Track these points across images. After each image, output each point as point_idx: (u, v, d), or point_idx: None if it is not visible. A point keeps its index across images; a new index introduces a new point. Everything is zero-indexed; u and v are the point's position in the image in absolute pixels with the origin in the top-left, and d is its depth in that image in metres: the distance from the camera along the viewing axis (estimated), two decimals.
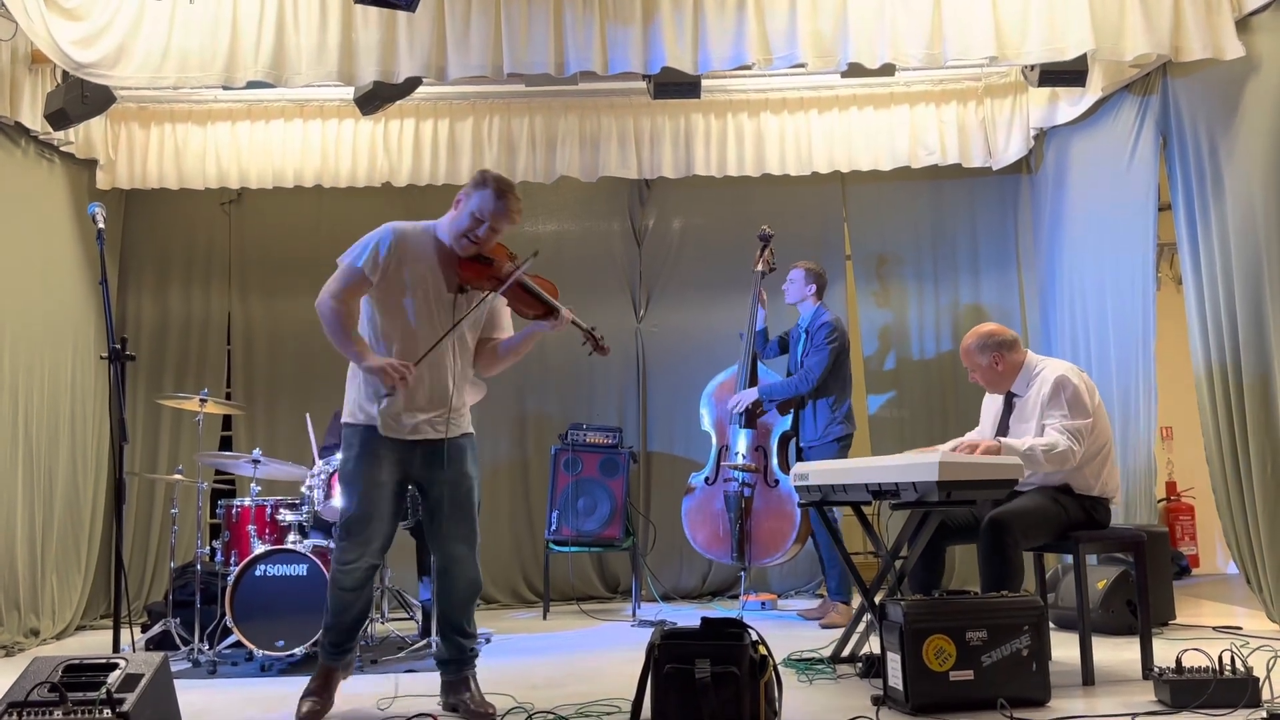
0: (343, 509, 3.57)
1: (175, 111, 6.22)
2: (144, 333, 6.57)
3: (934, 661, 3.20)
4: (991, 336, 4.01)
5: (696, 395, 6.48)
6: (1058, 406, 3.79)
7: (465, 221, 3.46)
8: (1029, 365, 3.99)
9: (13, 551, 5.35)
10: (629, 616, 5.78)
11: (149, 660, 2.57)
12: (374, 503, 3.49)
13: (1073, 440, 3.73)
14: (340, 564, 3.52)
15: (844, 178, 6.60)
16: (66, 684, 2.48)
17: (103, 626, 6.06)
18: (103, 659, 2.58)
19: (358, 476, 3.50)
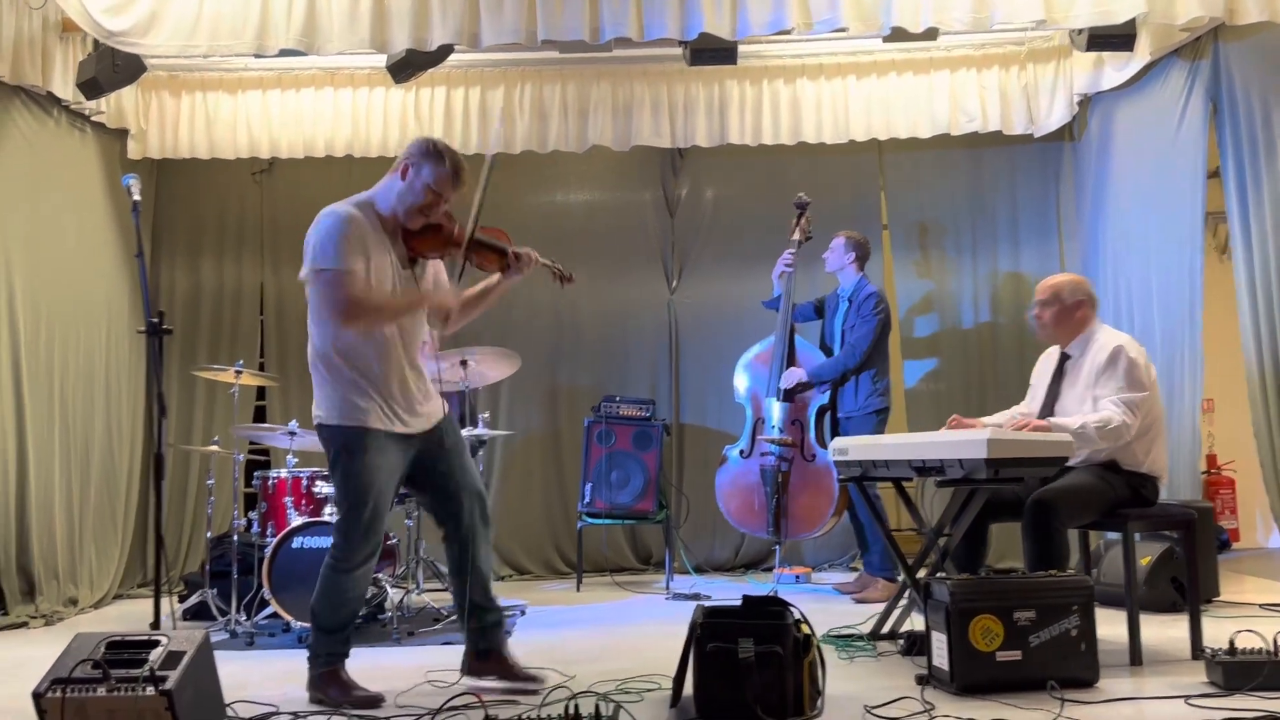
0: (351, 512, 3.32)
1: (206, 80, 6.18)
2: (177, 304, 6.56)
3: (981, 641, 3.15)
4: (1084, 285, 3.98)
5: (730, 367, 6.42)
6: (1113, 378, 3.70)
7: (421, 196, 3.31)
8: (1091, 329, 3.91)
9: (51, 522, 5.38)
10: (663, 589, 5.75)
11: (191, 637, 2.55)
12: (384, 503, 3.37)
13: (1127, 413, 3.64)
14: (351, 567, 3.35)
15: (881, 146, 6.48)
16: (109, 661, 2.46)
17: (139, 596, 6.11)
18: (145, 636, 2.56)
19: (369, 478, 3.31)
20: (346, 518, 3.35)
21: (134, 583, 6.22)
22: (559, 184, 6.74)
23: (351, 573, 3.38)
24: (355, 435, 3.30)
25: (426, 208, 3.33)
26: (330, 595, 3.37)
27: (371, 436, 3.32)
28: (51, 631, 4.97)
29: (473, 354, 4.73)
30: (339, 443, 3.32)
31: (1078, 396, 3.82)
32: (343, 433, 3.31)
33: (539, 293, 6.62)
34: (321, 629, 3.38)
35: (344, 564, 3.37)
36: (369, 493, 3.32)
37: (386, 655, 4.07)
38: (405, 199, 3.32)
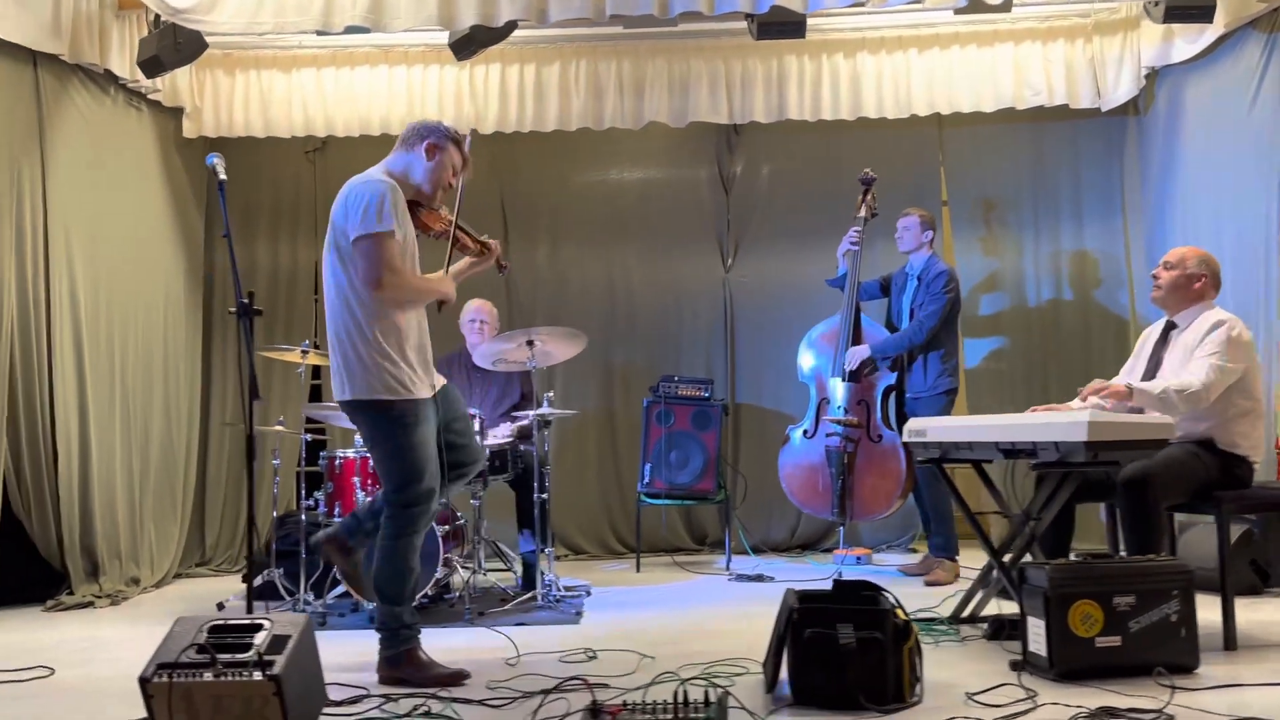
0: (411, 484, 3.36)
1: (261, 58, 6.14)
2: (230, 285, 6.51)
3: (1080, 627, 3.09)
4: (1212, 263, 3.92)
5: (786, 346, 6.36)
6: (1215, 344, 3.63)
7: (445, 173, 3.53)
8: (1204, 305, 3.85)
9: (113, 502, 5.40)
10: (723, 570, 5.72)
11: (294, 621, 2.53)
12: (435, 464, 3.45)
13: (1210, 375, 3.56)
14: (415, 532, 3.40)
15: (941, 121, 6.37)
16: (215, 645, 2.44)
17: (198, 575, 6.14)
18: (248, 620, 2.54)
19: (425, 450, 3.39)
20: (406, 490, 3.37)
21: (192, 562, 6.24)
22: (613, 162, 6.68)
23: (414, 538, 3.42)
24: (406, 408, 3.36)
25: (447, 184, 3.55)
26: (394, 565, 3.40)
27: (420, 406, 3.40)
28: (118, 611, 4.99)
29: (539, 334, 4.68)
30: (390, 416, 3.34)
31: (1177, 365, 3.75)
32: (393, 407, 3.35)
33: (592, 272, 6.59)
34: (390, 601, 3.41)
35: (407, 530, 3.39)
36: (428, 463, 3.39)
37: (460, 635, 4.04)
38: (434, 175, 3.50)
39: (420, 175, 3.50)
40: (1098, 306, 6.35)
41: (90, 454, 5.25)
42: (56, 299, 5.12)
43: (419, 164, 3.50)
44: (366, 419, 3.42)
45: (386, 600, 3.40)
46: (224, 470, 6.42)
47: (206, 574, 6.19)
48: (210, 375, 6.47)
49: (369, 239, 3.27)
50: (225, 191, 3.29)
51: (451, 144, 3.53)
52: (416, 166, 3.51)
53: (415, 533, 3.42)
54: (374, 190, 3.32)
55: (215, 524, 6.37)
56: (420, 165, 3.50)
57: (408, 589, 3.43)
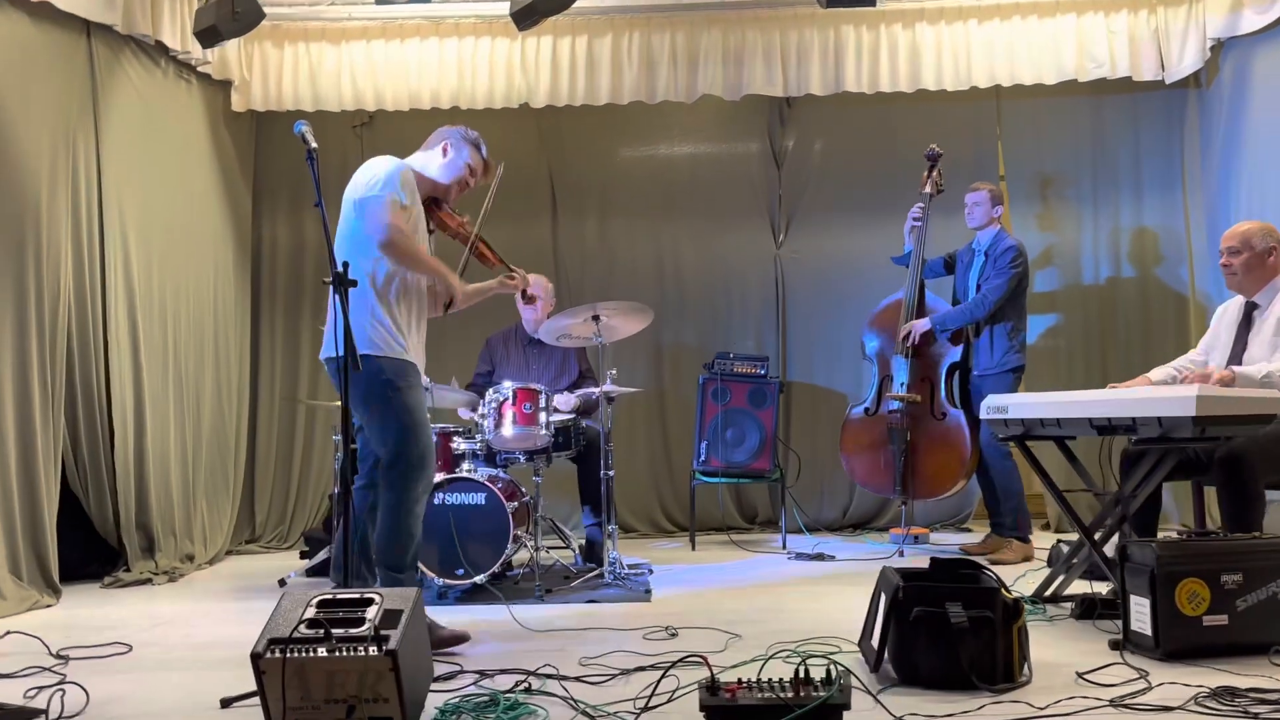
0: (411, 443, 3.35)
1: (309, 30, 6.06)
2: (280, 259, 6.50)
3: (1187, 606, 3.03)
4: (1275, 231, 3.84)
5: (838, 324, 6.30)
6: None
7: (463, 172, 3.63)
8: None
9: (168, 479, 5.36)
10: (778, 548, 5.66)
11: (404, 595, 2.48)
12: (429, 432, 3.47)
13: None
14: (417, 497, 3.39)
15: (999, 94, 6.26)
16: (328, 620, 2.39)
17: (250, 551, 6.12)
18: (356, 594, 2.49)
19: (420, 407, 3.42)
20: (408, 449, 3.35)
21: (243, 539, 6.22)
22: (662, 136, 6.59)
23: (416, 505, 3.40)
24: (404, 366, 3.40)
25: (463, 184, 3.64)
26: (397, 534, 3.37)
27: (413, 370, 3.44)
28: (176, 588, 4.96)
29: (605, 309, 4.61)
30: (389, 374, 3.35)
31: (1267, 345, 3.67)
32: (392, 364, 3.37)
33: (641, 248, 6.52)
34: (392, 568, 3.37)
35: (407, 497, 3.37)
36: (425, 422, 3.42)
37: (534, 612, 3.99)
38: (449, 171, 3.61)
39: (436, 170, 3.62)
40: (1157, 283, 6.25)
41: (145, 430, 5.20)
42: (111, 272, 5.06)
43: (436, 160, 3.63)
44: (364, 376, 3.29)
45: (388, 567, 3.40)
46: (274, 446, 6.38)
47: (257, 550, 6.17)
48: (259, 350, 6.43)
49: (373, 200, 3.37)
50: (315, 160, 3.19)
51: (469, 146, 3.64)
52: (433, 161, 3.63)
53: (413, 500, 3.40)
54: (384, 164, 3.45)
55: (265, 500, 6.34)
56: (437, 161, 3.63)
57: (410, 555, 3.41)
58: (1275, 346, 3.65)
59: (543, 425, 4.50)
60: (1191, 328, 6.18)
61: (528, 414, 4.48)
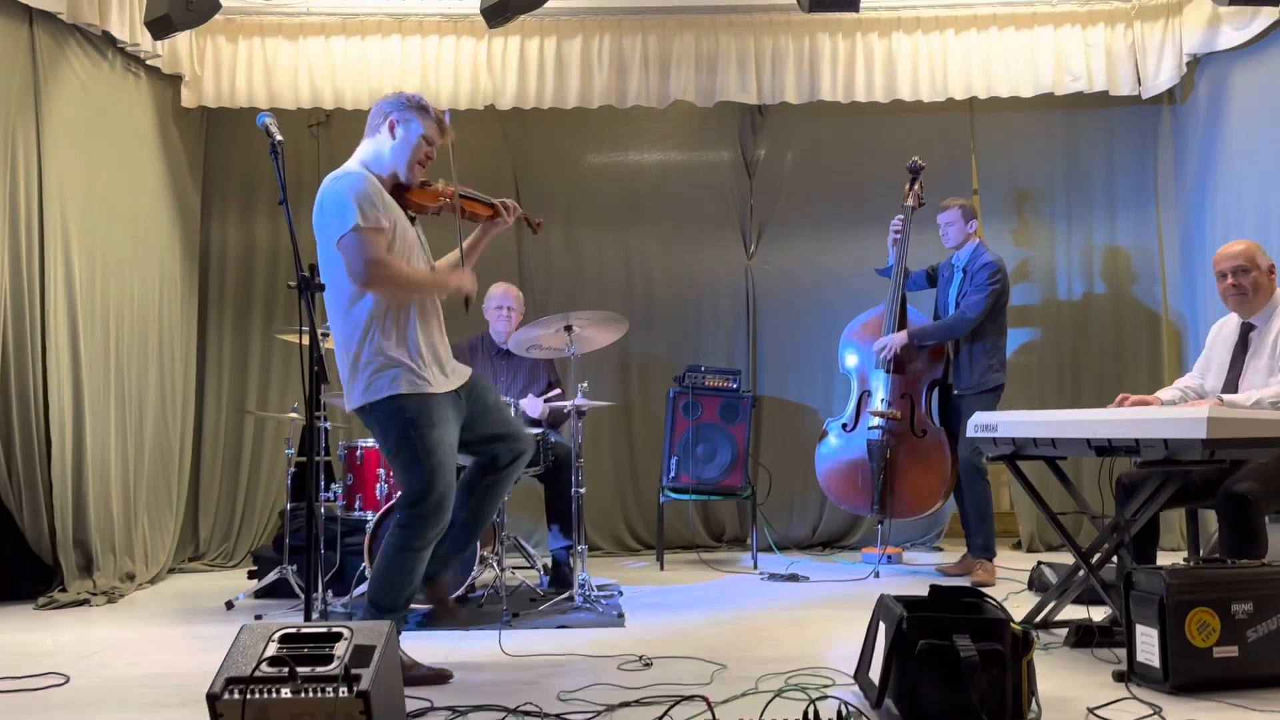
0: (424, 485, 3.15)
1: (265, 25, 5.81)
2: (229, 261, 6.21)
3: (1197, 637, 2.89)
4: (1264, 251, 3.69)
5: (811, 337, 6.16)
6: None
7: (419, 146, 3.28)
8: (1275, 298, 3.64)
9: (108, 493, 5.07)
10: (749, 568, 5.49)
11: (376, 630, 2.26)
12: (454, 475, 3.26)
13: None
14: (425, 545, 3.21)
15: (973, 107, 6.17)
16: (292, 657, 2.16)
17: (193, 570, 5.82)
18: (323, 628, 2.26)
19: (440, 447, 3.17)
20: (427, 492, 3.16)
21: (185, 556, 5.91)
22: (631, 143, 6.41)
23: (422, 551, 3.23)
24: (418, 405, 3.16)
25: (425, 159, 3.30)
26: (397, 575, 3.21)
27: (434, 403, 3.19)
28: (116, 610, 4.66)
29: (577, 319, 4.41)
30: (402, 418, 3.14)
31: (1264, 369, 3.56)
32: (403, 405, 3.14)
33: (609, 257, 6.33)
34: (383, 610, 3.18)
35: (417, 542, 3.20)
36: (443, 469, 3.18)
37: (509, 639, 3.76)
38: (403, 154, 3.27)
39: (391, 156, 3.28)
40: (1131, 301, 6.19)
41: (85, 441, 4.91)
42: (51, 272, 4.77)
43: (386, 144, 3.29)
44: (377, 422, 3.21)
45: (379, 609, 3.18)
46: (220, 459, 6.09)
47: (201, 568, 5.87)
48: (205, 357, 6.13)
49: (346, 236, 3.10)
50: (280, 155, 2.97)
51: (416, 111, 3.28)
52: (384, 148, 3.29)
53: (425, 545, 3.23)
54: (344, 185, 3.16)
55: (210, 516, 6.04)
56: (388, 146, 3.28)
57: (403, 599, 3.24)
58: (1271, 370, 3.54)
59: None
60: (1164, 346, 6.13)
61: None
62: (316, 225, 3.22)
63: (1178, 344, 6.11)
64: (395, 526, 3.23)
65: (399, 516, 3.23)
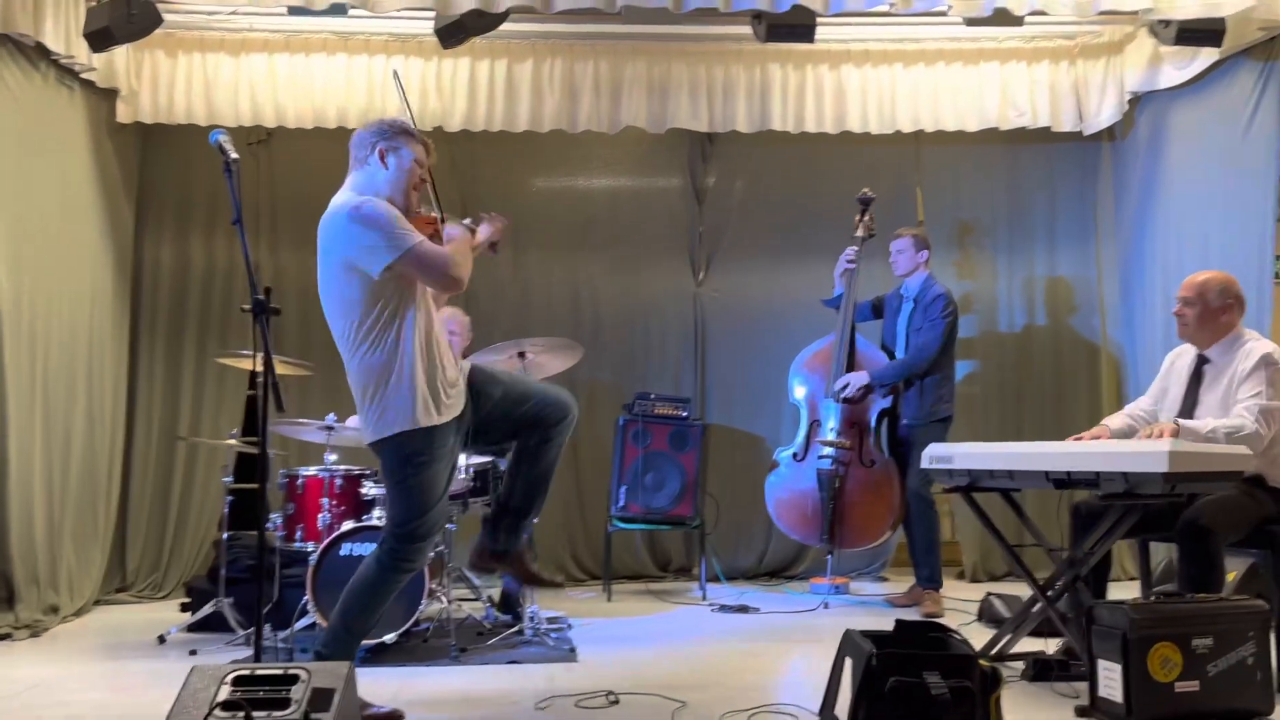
0: (412, 514, 3.15)
1: (206, 40, 5.65)
2: (162, 282, 6.01)
3: (1159, 672, 2.90)
4: (1235, 286, 3.74)
5: (759, 365, 6.14)
6: (1257, 383, 3.49)
7: (411, 172, 3.23)
8: (1236, 333, 3.69)
9: (31, 520, 4.84)
10: (698, 599, 5.43)
11: (335, 672, 2.15)
12: (444, 502, 3.24)
13: (1261, 422, 3.44)
14: (411, 568, 3.20)
15: (918, 140, 6.23)
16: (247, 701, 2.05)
17: (118, 601, 5.61)
18: (279, 669, 2.15)
19: (437, 481, 3.18)
20: (407, 525, 3.16)
21: (112, 587, 5.67)
22: (580, 168, 6.35)
23: (400, 576, 3.19)
24: (419, 443, 3.13)
25: (419, 183, 3.27)
26: (367, 596, 3.16)
27: (435, 437, 3.15)
28: (39, 645, 4.47)
29: (531, 345, 4.34)
30: (402, 454, 3.13)
31: (1218, 403, 3.60)
32: (405, 442, 3.12)
33: (557, 283, 6.26)
34: (348, 631, 3.13)
35: (405, 564, 3.17)
36: (434, 503, 3.18)
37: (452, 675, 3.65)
38: (399, 182, 3.20)
39: (387, 187, 3.20)
40: (1070, 332, 6.28)
41: (8, 467, 4.68)
42: None
43: (379, 175, 3.21)
44: (382, 456, 3.21)
45: (346, 629, 3.13)
46: (149, 486, 5.86)
47: (128, 600, 5.64)
48: (136, 381, 5.91)
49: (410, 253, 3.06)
50: (235, 173, 2.86)
51: (403, 137, 3.23)
52: (379, 179, 3.21)
53: (404, 570, 3.19)
54: (377, 212, 3.07)
55: (138, 546, 5.80)
56: (380, 176, 3.21)
57: (370, 624, 3.21)
58: (1225, 407, 3.58)
59: (462, 468, 4.19)
60: (1103, 377, 6.22)
61: None
62: (331, 244, 3.13)
63: (1116, 375, 6.21)
64: (379, 551, 3.19)
65: (385, 542, 3.19)
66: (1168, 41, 4.86)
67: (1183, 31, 4.70)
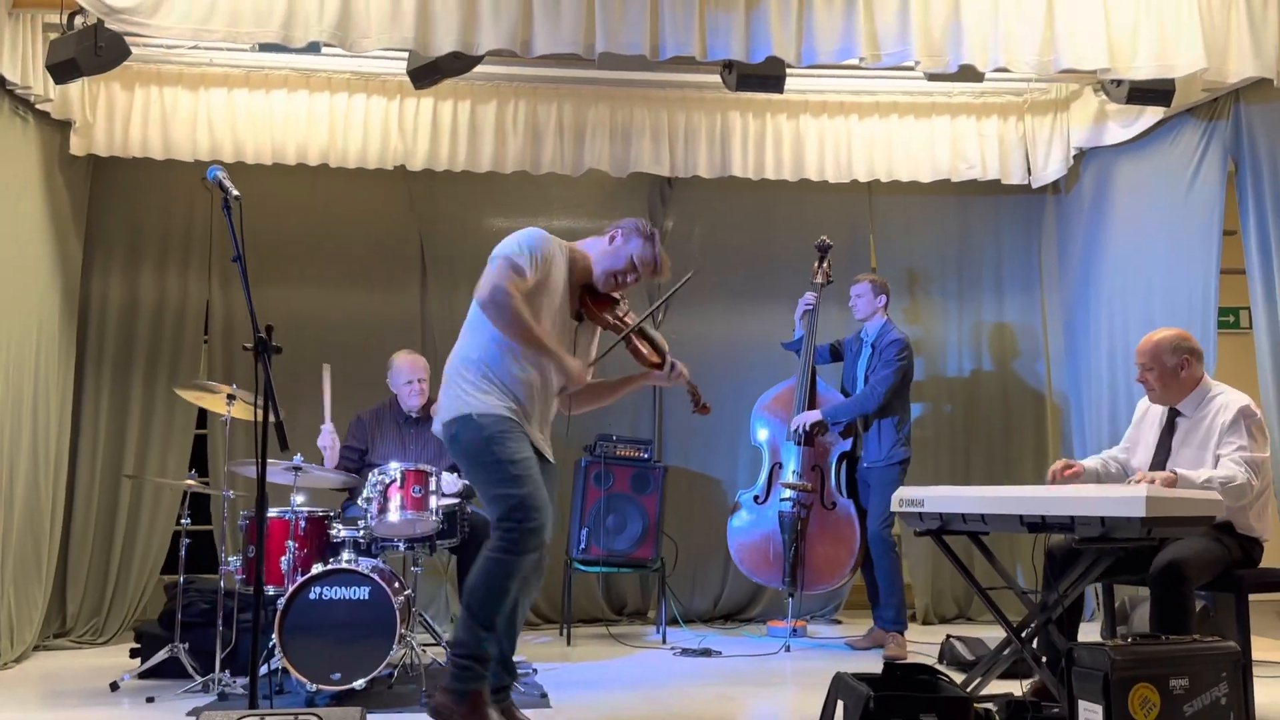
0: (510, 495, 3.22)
1: (164, 74, 5.57)
2: (110, 317, 5.87)
3: (1139, 712, 2.96)
4: (1185, 340, 3.81)
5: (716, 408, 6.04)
6: (1239, 435, 3.60)
7: (622, 263, 3.50)
8: (1205, 386, 3.80)
9: None
10: (657, 642, 5.42)
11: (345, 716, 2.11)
12: (540, 482, 3.30)
13: (1251, 474, 3.55)
14: (519, 553, 3.21)
15: (870, 189, 6.38)
16: None
17: (59, 647, 5.41)
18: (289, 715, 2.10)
19: (520, 454, 3.26)
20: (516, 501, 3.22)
21: (50, 633, 5.47)
22: (540, 209, 6.35)
23: (518, 559, 3.22)
24: (506, 420, 3.29)
25: (622, 275, 3.49)
26: (489, 583, 3.22)
27: (519, 427, 3.33)
28: None
29: None
30: (489, 430, 3.25)
31: (1192, 457, 3.71)
32: (493, 420, 3.27)
33: None
34: (478, 622, 3.22)
35: (512, 547, 3.21)
36: (530, 469, 3.27)
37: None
38: (607, 260, 3.50)
39: (596, 254, 3.51)
40: (1016, 379, 6.44)
41: None
42: None
43: (600, 246, 3.53)
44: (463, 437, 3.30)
45: (475, 619, 3.22)
46: (91, 526, 5.67)
47: (68, 645, 5.45)
48: (80, 418, 5.74)
49: (492, 259, 3.31)
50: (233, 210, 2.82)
51: (640, 239, 3.49)
52: (598, 247, 3.53)
53: (520, 552, 3.23)
54: (532, 231, 3.38)
55: (79, 589, 5.60)
56: (601, 247, 3.53)
57: (499, 615, 3.25)
58: (1201, 460, 3.70)
59: (433, 510, 4.15)
60: (1048, 423, 6.39)
61: (416, 498, 4.12)
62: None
63: (1059, 421, 6.38)
64: (492, 542, 3.24)
65: (494, 533, 3.24)
66: (1119, 100, 5.05)
67: (1134, 91, 4.89)
